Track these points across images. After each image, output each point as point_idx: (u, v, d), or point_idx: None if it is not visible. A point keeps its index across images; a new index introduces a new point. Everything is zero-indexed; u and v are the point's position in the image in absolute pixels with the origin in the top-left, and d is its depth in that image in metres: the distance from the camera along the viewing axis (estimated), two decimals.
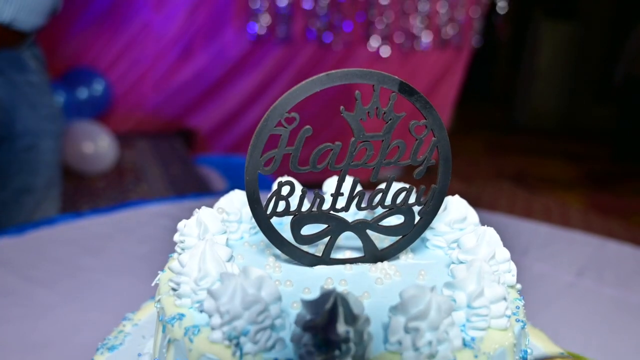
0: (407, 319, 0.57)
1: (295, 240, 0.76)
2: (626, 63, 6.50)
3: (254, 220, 0.85)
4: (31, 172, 2.15)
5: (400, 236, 0.79)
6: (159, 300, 0.70)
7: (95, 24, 4.52)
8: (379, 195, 0.77)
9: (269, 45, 4.89)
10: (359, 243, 0.80)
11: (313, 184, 0.84)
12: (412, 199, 0.78)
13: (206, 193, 3.38)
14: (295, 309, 0.65)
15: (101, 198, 3.80)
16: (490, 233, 0.75)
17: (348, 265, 0.78)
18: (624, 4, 8.12)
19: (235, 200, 0.87)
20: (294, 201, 0.75)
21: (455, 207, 0.85)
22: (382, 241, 0.83)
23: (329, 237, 0.77)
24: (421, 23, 5.20)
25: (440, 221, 0.84)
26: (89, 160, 4.05)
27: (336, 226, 0.76)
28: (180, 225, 0.78)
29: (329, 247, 0.77)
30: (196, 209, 0.79)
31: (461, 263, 0.73)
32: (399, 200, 0.77)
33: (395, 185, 0.79)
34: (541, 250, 1.96)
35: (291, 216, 0.75)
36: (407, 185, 0.80)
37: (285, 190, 0.74)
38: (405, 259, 0.82)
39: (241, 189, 0.87)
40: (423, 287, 0.59)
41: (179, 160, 4.63)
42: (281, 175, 0.79)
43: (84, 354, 0.96)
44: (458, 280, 0.64)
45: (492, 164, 6.53)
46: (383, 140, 0.73)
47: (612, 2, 8.32)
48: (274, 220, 0.75)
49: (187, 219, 0.81)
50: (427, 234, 0.85)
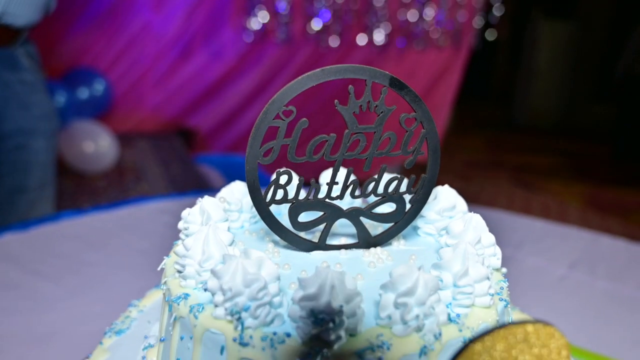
0: (397, 295, 0.62)
1: (293, 227, 0.80)
2: (627, 62, 6.51)
3: (253, 210, 0.89)
4: (23, 172, 2.11)
5: (392, 223, 0.84)
6: (165, 282, 0.74)
7: (95, 24, 4.55)
8: (372, 184, 0.82)
9: (268, 46, 4.92)
10: (353, 230, 0.84)
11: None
12: (403, 188, 0.82)
13: (206, 190, 3.41)
14: (292, 289, 0.69)
15: (102, 197, 3.82)
16: (476, 219, 0.79)
17: (343, 251, 0.83)
18: (623, 4, 8.11)
19: (236, 191, 0.92)
20: (291, 190, 0.79)
21: (444, 196, 0.89)
22: (376, 228, 0.87)
23: (325, 224, 0.81)
24: (419, 22, 5.23)
25: (430, 210, 0.88)
26: (90, 159, 4.07)
27: (331, 213, 0.81)
28: (184, 213, 0.82)
29: (325, 234, 0.82)
30: (199, 198, 0.83)
31: (448, 247, 0.77)
32: (390, 189, 0.82)
33: (387, 175, 0.83)
34: (536, 245, 1.99)
35: (289, 204, 0.79)
36: (399, 175, 0.84)
37: (283, 179, 0.78)
38: (397, 245, 0.86)
39: None
40: (411, 266, 0.63)
41: (179, 159, 4.65)
42: (279, 166, 0.83)
43: (89, 343, 0.98)
44: (445, 261, 0.69)
45: (491, 163, 6.53)
46: (375, 132, 0.78)
47: (611, 2, 8.30)
48: (273, 210, 0.80)
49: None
50: (418, 221, 0.90)
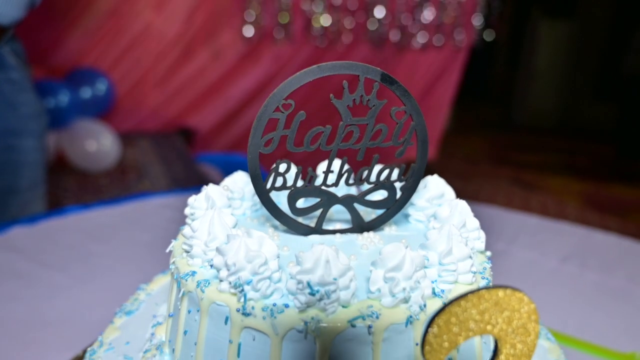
0: (386, 271, 0.68)
1: (292, 212, 0.86)
2: (632, 61, 6.49)
3: (255, 198, 0.96)
4: (13, 173, 2.04)
5: (384, 209, 0.90)
6: (174, 262, 0.80)
7: (98, 25, 4.61)
8: (365, 173, 0.88)
9: (268, 46, 4.98)
10: (348, 216, 0.90)
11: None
12: (394, 176, 0.88)
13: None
14: (290, 267, 0.75)
15: (105, 195, 3.88)
16: (461, 205, 0.85)
17: (338, 235, 0.89)
18: (623, 3, 8.12)
19: (239, 180, 0.98)
20: (290, 178, 0.85)
21: (434, 185, 0.95)
22: (369, 214, 0.93)
23: (321, 210, 0.87)
24: (418, 22, 5.27)
25: (420, 198, 0.94)
26: (93, 158, 4.14)
27: (327, 200, 0.87)
28: (191, 199, 0.88)
29: (321, 219, 0.88)
30: (204, 186, 0.89)
31: (435, 229, 0.83)
32: (382, 177, 0.88)
33: (379, 164, 0.89)
34: (529, 239, 2.04)
35: (288, 190, 0.85)
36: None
37: (282, 167, 0.84)
38: (389, 230, 0.92)
39: None
40: (400, 245, 0.70)
41: (180, 158, 4.71)
42: (279, 155, 0.89)
43: (97, 328, 1.02)
44: (431, 241, 0.75)
45: (491, 162, 6.57)
46: (368, 124, 0.84)
47: (611, 1, 8.31)
48: (273, 197, 0.86)
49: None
50: (409, 209, 0.96)
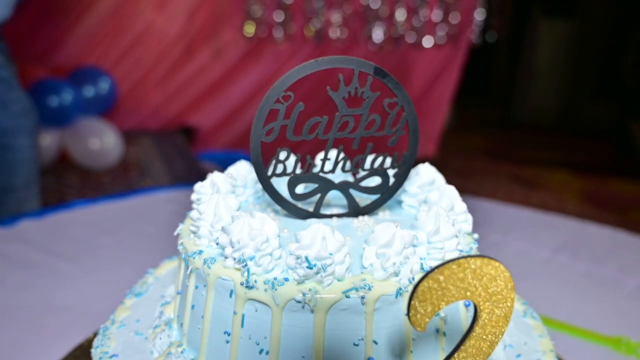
0: (378, 247, 0.74)
1: (291, 197, 0.92)
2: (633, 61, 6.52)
3: (257, 186, 1.02)
4: (9, 173, 2.08)
5: (378, 195, 0.96)
6: (182, 243, 0.86)
7: (100, 24, 4.67)
8: (360, 160, 0.94)
9: (268, 45, 5.03)
10: (344, 202, 0.96)
11: None
12: (387, 164, 0.94)
13: None
14: (290, 246, 0.81)
15: (107, 192, 3.93)
16: (450, 190, 0.91)
17: (335, 218, 0.95)
18: (623, 2, 8.11)
19: (242, 169, 1.04)
20: (290, 165, 0.91)
21: (425, 173, 1.01)
22: (364, 200, 0.99)
23: (319, 195, 0.93)
24: (418, 21, 5.32)
25: (412, 184, 1.00)
26: (96, 155, 4.19)
27: (324, 185, 0.93)
28: (197, 186, 0.94)
29: (319, 204, 0.94)
30: (209, 173, 0.95)
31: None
32: (376, 164, 0.94)
33: (373, 153, 0.95)
34: (522, 231, 2.10)
35: (288, 177, 0.91)
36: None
37: (282, 155, 0.90)
38: (383, 215, 0.98)
39: None
40: (390, 224, 0.75)
41: (182, 156, 4.77)
42: (279, 144, 0.95)
43: (106, 313, 1.06)
44: (420, 222, 0.81)
45: (491, 161, 6.57)
46: (362, 115, 0.90)
47: (611, 0, 8.30)
48: (274, 184, 0.91)
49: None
50: (402, 196, 1.02)
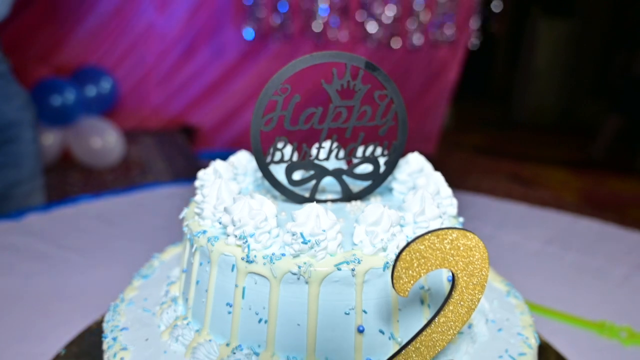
0: (367, 225, 0.81)
1: (289, 183, 0.99)
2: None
3: (256, 174, 1.09)
4: (15, 165, 2.12)
5: (370, 181, 1.03)
6: (187, 225, 0.93)
7: (102, 24, 4.74)
8: (352, 149, 1.01)
9: (268, 44, 5.10)
10: (338, 188, 1.03)
11: None
12: (378, 152, 1.01)
13: None
14: (287, 225, 0.88)
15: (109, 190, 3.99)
16: (436, 176, 0.98)
17: (329, 203, 1.02)
18: (622, 1, 8.16)
19: (242, 158, 1.11)
20: (287, 153, 0.98)
21: (415, 161, 1.08)
22: (357, 187, 1.06)
23: (315, 181, 1.00)
24: (416, 21, 5.37)
25: (402, 172, 1.07)
26: (98, 154, 4.26)
27: (319, 172, 1.00)
28: (200, 173, 1.01)
29: (315, 189, 1.01)
30: (212, 161, 1.02)
31: None
32: (367, 153, 1.01)
33: (365, 142, 1.02)
34: (515, 224, 2.17)
35: (285, 164, 0.98)
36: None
37: (280, 144, 0.97)
38: (375, 200, 1.05)
39: None
40: (379, 205, 0.82)
41: (182, 155, 4.84)
42: (277, 133, 1.02)
43: (111, 300, 1.11)
44: (407, 204, 0.88)
45: (490, 160, 6.62)
46: (354, 106, 0.97)
47: (610, 0, 8.38)
48: (272, 172, 0.98)
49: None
50: (393, 183, 1.08)
